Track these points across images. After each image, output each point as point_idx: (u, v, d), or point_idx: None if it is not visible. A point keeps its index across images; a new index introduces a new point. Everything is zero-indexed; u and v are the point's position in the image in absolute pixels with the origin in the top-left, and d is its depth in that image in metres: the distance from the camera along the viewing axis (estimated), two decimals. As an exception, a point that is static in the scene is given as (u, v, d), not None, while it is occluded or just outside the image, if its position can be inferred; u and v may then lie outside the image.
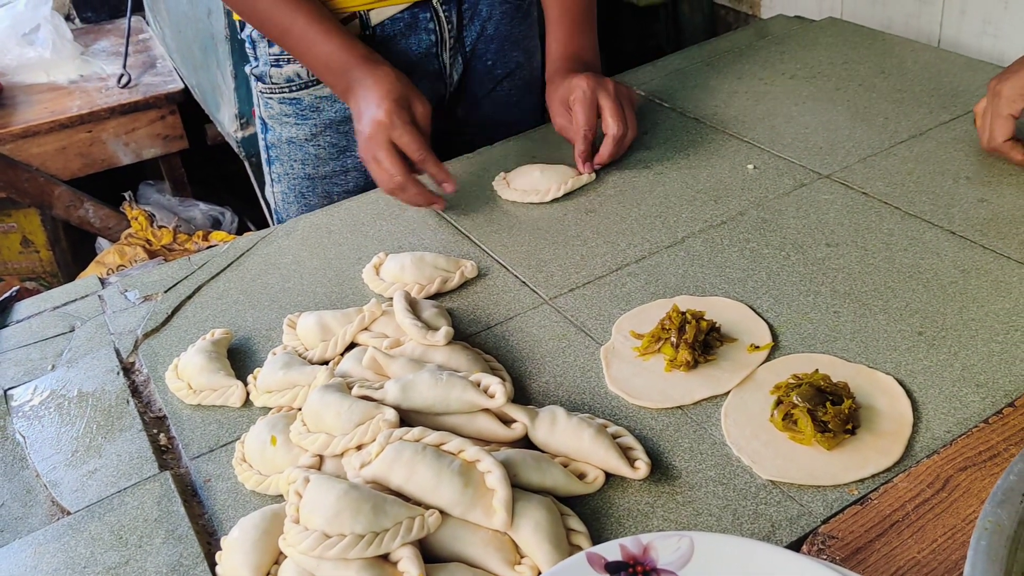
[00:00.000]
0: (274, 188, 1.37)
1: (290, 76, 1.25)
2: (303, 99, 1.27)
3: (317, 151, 1.31)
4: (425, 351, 0.88)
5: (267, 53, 1.25)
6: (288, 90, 1.27)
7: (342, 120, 1.28)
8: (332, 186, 1.33)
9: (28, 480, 0.85)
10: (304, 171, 1.32)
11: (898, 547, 0.65)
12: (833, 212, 1.05)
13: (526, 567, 0.67)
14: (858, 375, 0.81)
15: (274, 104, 1.29)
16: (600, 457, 0.75)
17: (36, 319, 1.07)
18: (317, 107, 1.28)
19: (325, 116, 1.28)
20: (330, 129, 1.29)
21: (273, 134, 1.32)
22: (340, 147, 1.30)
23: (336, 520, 0.66)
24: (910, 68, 1.35)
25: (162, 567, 0.73)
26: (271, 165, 1.36)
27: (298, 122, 1.29)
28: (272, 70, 1.26)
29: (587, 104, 1.15)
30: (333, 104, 1.27)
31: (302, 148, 1.31)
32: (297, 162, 1.32)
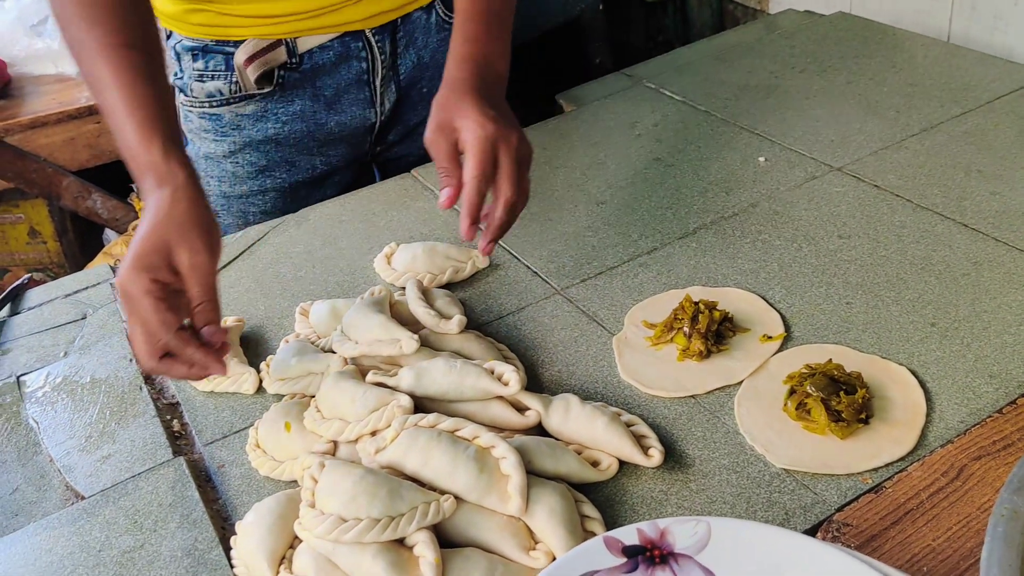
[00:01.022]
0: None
1: (211, 91, 1.19)
2: (223, 115, 1.21)
3: (235, 168, 1.25)
4: (438, 339, 0.88)
5: (191, 67, 1.19)
6: (208, 105, 1.21)
7: (263, 140, 1.22)
8: (248, 206, 1.27)
9: (42, 465, 0.85)
10: (220, 189, 1.26)
11: (913, 535, 0.65)
12: (845, 204, 1.05)
13: (541, 552, 0.67)
14: (871, 365, 0.81)
15: (194, 118, 1.23)
16: (614, 445, 0.75)
17: (48, 306, 1.08)
18: (238, 125, 1.22)
19: (246, 134, 1.22)
20: (250, 147, 1.23)
21: (191, 148, 1.25)
22: (259, 166, 1.24)
23: (352, 504, 0.67)
24: (921, 63, 1.35)
25: (177, 551, 0.73)
26: None
27: (217, 138, 1.23)
28: (194, 84, 1.19)
29: (483, 154, 0.90)
30: (255, 123, 1.21)
31: (219, 164, 1.24)
32: (213, 179, 1.25)
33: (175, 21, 1.18)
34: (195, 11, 1.15)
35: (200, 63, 1.18)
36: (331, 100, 1.22)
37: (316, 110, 1.22)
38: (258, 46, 1.16)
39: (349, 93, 1.22)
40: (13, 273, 2.47)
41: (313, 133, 1.24)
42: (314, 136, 1.24)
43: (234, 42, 1.16)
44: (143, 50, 0.87)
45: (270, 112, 1.21)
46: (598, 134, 1.27)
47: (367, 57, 1.21)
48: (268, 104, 1.20)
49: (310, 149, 1.25)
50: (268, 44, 1.17)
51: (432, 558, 0.65)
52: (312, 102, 1.21)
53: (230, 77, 1.18)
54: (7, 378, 0.96)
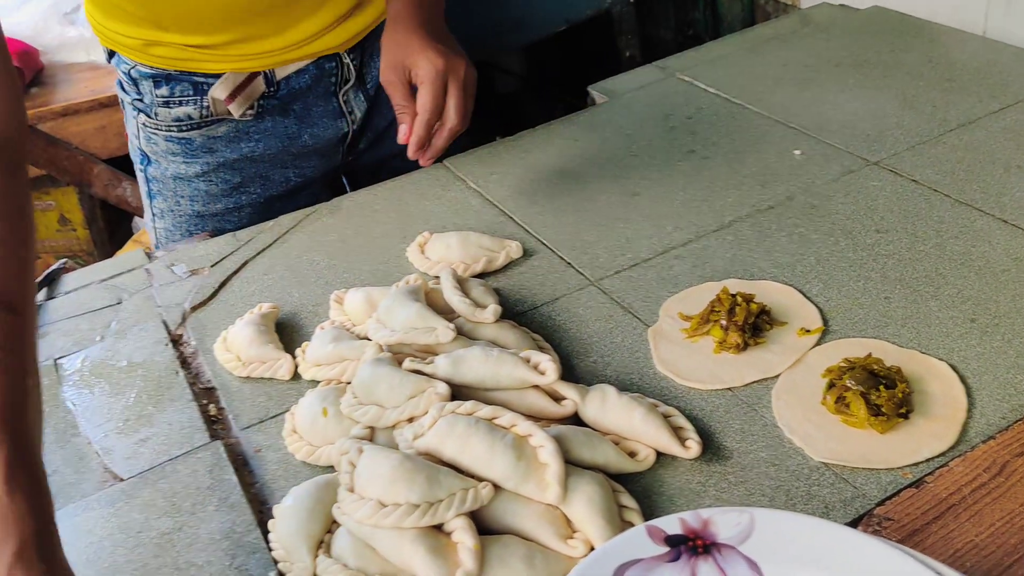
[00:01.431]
0: (156, 223, 1.27)
1: (180, 116, 1.17)
2: (194, 139, 1.19)
3: (208, 187, 1.22)
4: (473, 328, 0.88)
5: (154, 93, 1.16)
6: (177, 129, 1.18)
7: (237, 159, 1.21)
8: (224, 223, 1.24)
9: (80, 447, 0.86)
10: (192, 208, 1.24)
11: (955, 530, 0.65)
12: (882, 199, 1.04)
13: (578, 541, 0.67)
14: (911, 360, 0.81)
15: (159, 141, 1.20)
16: (651, 436, 0.75)
17: (84, 291, 1.08)
18: (211, 148, 1.20)
19: (219, 155, 1.20)
20: (224, 167, 1.21)
21: (156, 168, 1.23)
22: (233, 184, 1.23)
23: (391, 489, 0.67)
24: (958, 57, 1.33)
25: (215, 533, 0.74)
26: (152, 199, 1.25)
27: (187, 160, 1.20)
28: (160, 109, 1.17)
29: (436, 89, 1.00)
30: (228, 144, 1.20)
31: (191, 184, 1.22)
32: (184, 199, 1.23)
33: (133, 51, 1.15)
34: (155, 44, 1.12)
35: (164, 89, 1.16)
36: (301, 114, 1.21)
37: (287, 125, 1.21)
38: (236, 80, 1.15)
39: (317, 105, 1.21)
40: (43, 260, 2.50)
41: (287, 148, 1.23)
42: (288, 151, 1.23)
43: (201, 73, 1.14)
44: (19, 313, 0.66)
45: (242, 132, 1.19)
46: (631, 126, 1.26)
47: (336, 72, 1.21)
48: (240, 125, 1.19)
49: (284, 163, 1.24)
50: (246, 77, 1.15)
51: (471, 544, 0.65)
52: (283, 117, 1.20)
53: (200, 102, 1.16)
54: (45, 361, 0.97)
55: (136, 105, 1.19)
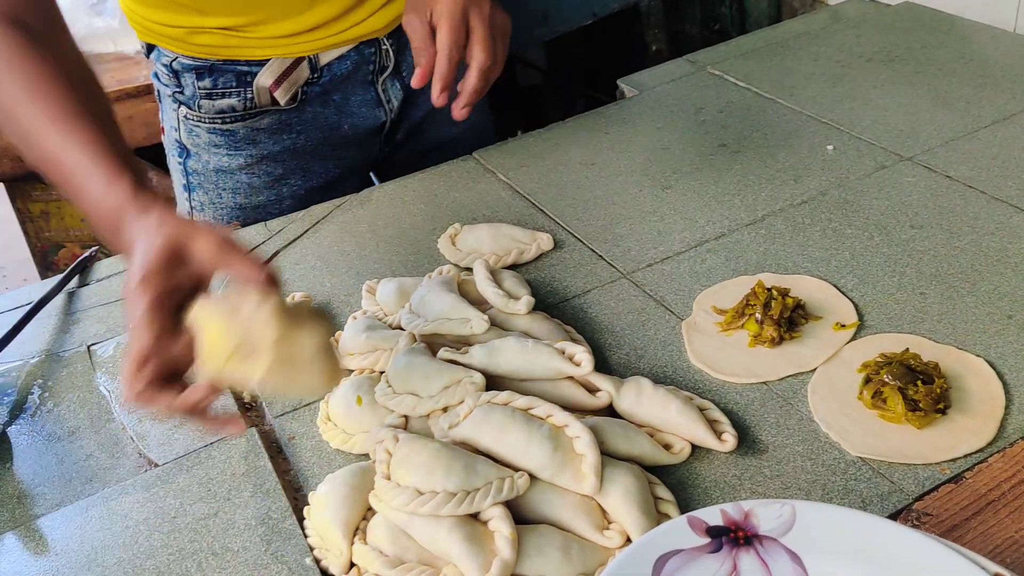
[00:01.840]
0: (195, 216, 1.25)
1: (223, 108, 1.16)
2: (238, 131, 1.18)
3: (251, 180, 1.22)
4: (506, 319, 0.88)
5: (196, 85, 1.15)
6: (221, 122, 1.17)
7: (280, 151, 1.21)
8: (265, 215, 1.22)
9: (115, 432, 0.86)
10: (235, 200, 1.23)
11: (995, 526, 0.64)
12: (916, 194, 1.03)
13: (615, 532, 0.67)
14: (947, 356, 0.80)
15: (202, 133, 1.19)
16: (687, 428, 0.75)
17: (116, 278, 1.09)
18: (254, 140, 1.19)
19: (262, 147, 1.19)
20: (267, 159, 1.21)
21: (197, 161, 1.21)
22: (275, 176, 1.22)
23: (429, 477, 0.67)
24: (991, 54, 1.32)
25: (251, 520, 0.74)
26: (191, 192, 1.24)
27: (230, 152, 1.19)
28: (203, 101, 1.16)
29: (455, 22, 0.93)
30: (271, 136, 1.19)
31: (234, 176, 1.21)
32: (227, 191, 1.22)
33: (175, 42, 1.14)
34: (198, 32, 1.12)
35: (207, 81, 1.15)
36: (340, 104, 1.21)
37: (328, 115, 1.21)
38: (282, 66, 1.14)
39: (356, 94, 1.21)
40: (68, 249, 2.51)
41: (328, 139, 1.23)
42: (329, 141, 1.23)
43: (246, 61, 1.14)
44: (96, 114, 0.79)
45: (284, 123, 1.19)
46: (661, 119, 1.26)
47: (375, 59, 1.20)
48: (283, 115, 1.19)
49: (324, 155, 1.24)
50: (291, 63, 1.15)
51: (508, 533, 0.65)
52: (323, 108, 1.20)
53: (243, 93, 1.16)
54: (78, 347, 0.98)
55: (177, 97, 1.19)
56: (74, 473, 0.82)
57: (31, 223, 2.48)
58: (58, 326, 1.02)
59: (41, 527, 0.77)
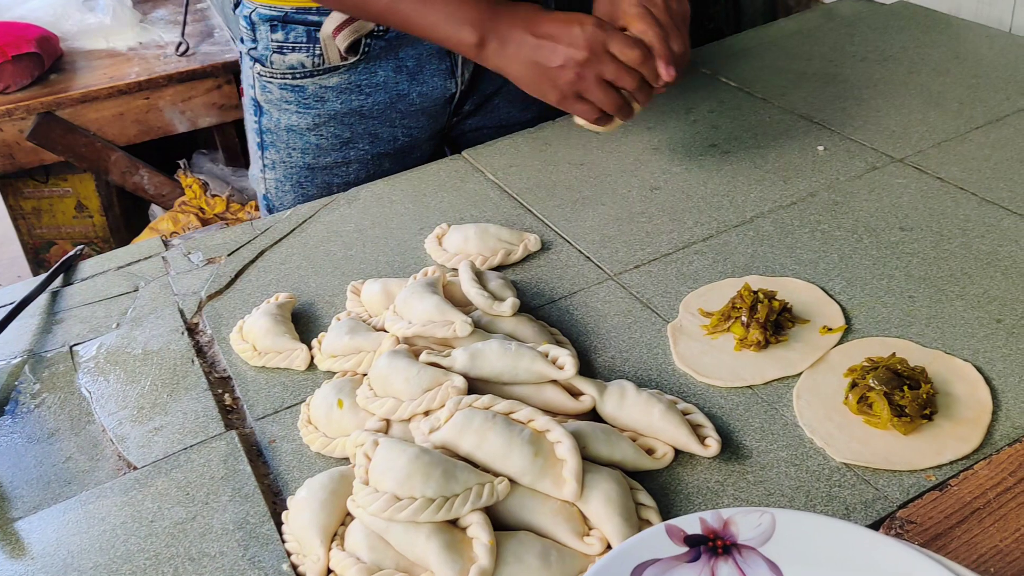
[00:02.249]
0: (266, 174, 1.32)
1: (293, 64, 1.20)
2: (307, 87, 1.22)
3: (319, 141, 1.26)
4: (491, 321, 0.87)
5: (268, 38, 1.19)
6: (291, 77, 1.21)
7: (347, 112, 1.23)
8: (332, 177, 1.28)
9: (94, 434, 0.85)
10: (304, 160, 1.27)
11: (979, 534, 0.64)
12: (907, 196, 1.03)
13: (595, 539, 0.66)
14: (935, 361, 0.80)
15: (274, 89, 1.24)
16: (670, 433, 0.74)
17: (100, 278, 1.08)
18: (322, 97, 1.22)
19: (329, 107, 1.23)
20: (334, 120, 1.24)
21: (269, 119, 1.27)
22: (343, 139, 1.25)
23: (407, 483, 0.66)
24: (985, 54, 1.32)
25: (229, 524, 0.73)
26: (264, 150, 1.30)
27: (300, 110, 1.24)
28: (275, 56, 1.20)
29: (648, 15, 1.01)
30: (339, 95, 1.22)
31: (303, 137, 1.26)
32: (296, 151, 1.27)
33: None
34: None
35: (279, 34, 1.18)
36: (413, 71, 1.21)
37: (399, 81, 1.22)
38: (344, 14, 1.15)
39: (431, 63, 1.22)
40: (60, 246, 2.51)
41: (395, 104, 1.24)
42: (396, 107, 1.24)
43: (316, 10, 1.15)
44: None
45: (353, 84, 1.21)
46: (652, 119, 1.25)
47: None
48: (352, 76, 1.20)
49: (392, 121, 1.25)
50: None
51: (486, 540, 0.65)
52: (395, 73, 1.21)
53: (312, 49, 1.18)
54: (60, 348, 0.97)
55: (252, 54, 1.23)
56: (53, 475, 0.81)
57: (23, 220, 2.48)
58: (41, 326, 1.01)
59: (18, 530, 0.76)
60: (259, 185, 1.36)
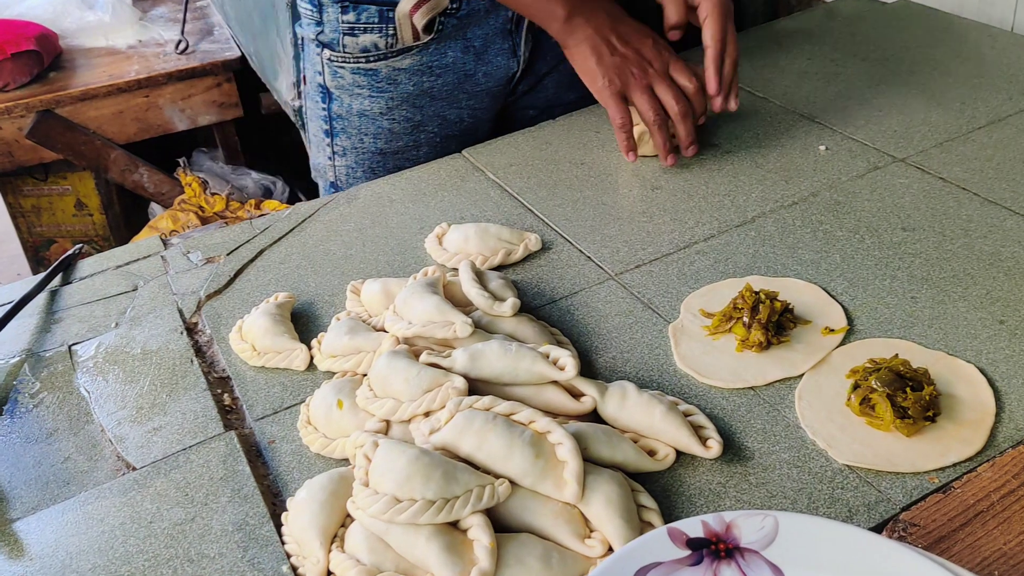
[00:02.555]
0: (336, 161, 1.33)
1: (367, 46, 1.21)
2: (380, 70, 1.23)
3: (391, 125, 1.27)
4: (491, 321, 0.87)
5: (338, 20, 1.20)
6: (365, 60, 1.22)
7: (418, 94, 1.25)
8: (403, 161, 1.29)
9: (93, 434, 0.85)
10: (376, 146, 1.29)
11: (983, 537, 0.63)
12: (909, 196, 1.02)
13: (596, 541, 0.66)
14: (937, 362, 0.79)
15: (345, 74, 1.25)
16: (671, 434, 0.74)
17: (99, 277, 1.08)
18: (395, 79, 1.24)
19: (402, 89, 1.24)
20: (406, 103, 1.25)
21: (340, 105, 1.28)
22: (415, 121, 1.27)
23: (407, 485, 0.66)
24: (987, 54, 1.31)
25: (228, 525, 0.73)
26: (334, 137, 1.31)
27: (372, 95, 1.25)
28: (346, 39, 1.21)
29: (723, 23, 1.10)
30: (411, 77, 1.23)
31: (375, 122, 1.27)
32: (368, 136, 1.28)
33: None
34: None
35: (351, 15, 1.18)
36: (480, 51, 1.23)
37: (466, 61, 1.23)
38: None
39: (495, 43, 1.23)
40: (59, 244, 2.50)
41: (463, 85, 1.25)
42: (464, 88, 1.26)
43: None
44: None
45: (425, 65, 1.22)
46: (653, 119, 1.24)
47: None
48: (423, 56, 1.21)
49: (459, 102, 1.27)
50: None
51: (487, 542, 0.64)
52: (463, 54, 1.22)
53: (385, 30, 1.18)
54: (59, 347, 0.96)
55: (320, 40, 1.23)
56: (51, 476, 0.81)
57: (22, 218, 2.47)
58: (40, 325, 1.00)
59: (17, 531, 0.76)
60: (326, 173, 1.36)
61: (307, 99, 1.34)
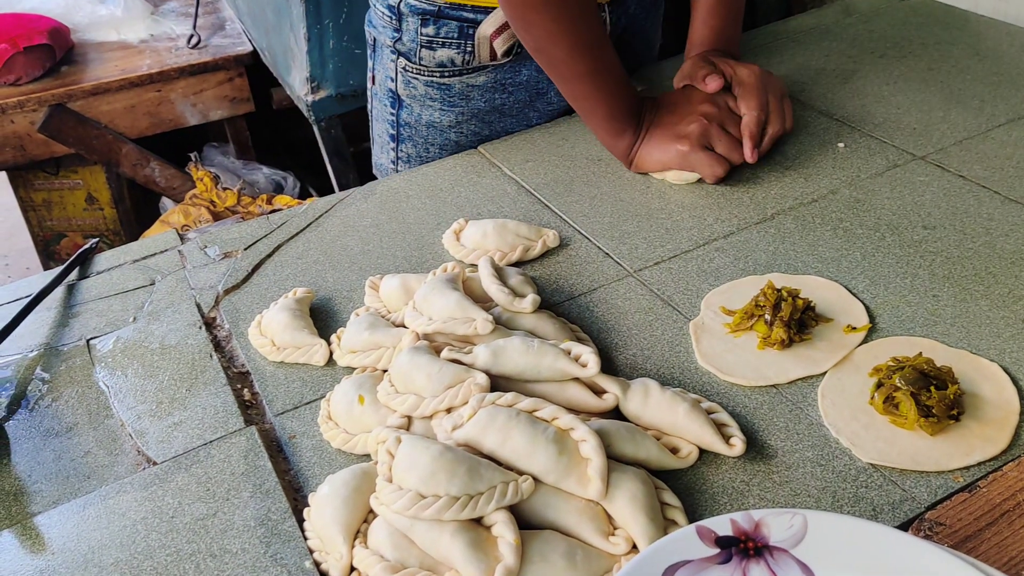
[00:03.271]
0: (400, 166, 1.34)
1: (443, 61, 1.21)
2: (454, 86, 1.23)
3: (459, 138, 1.28)
4: (511, 318, 0.87)
5: (418, 31, 1.20)
6: (440, 75, 1.22)
7: (489, 110, 1.25)
8: None
9: (113, 429, 0.85)
10: (440, 156, 1.29)
11: (1009, 537, 0.63)
12: (929, 194, 1.02)
13: (620, 538, 0.66)
14: (960, 361, 0.79)
15: (419, 85, 1.25)
16: (694, 432, 0.73)
17: (116, 271, 1.08)
18: (467, 95, 1.24)
19: (474, 105, 1.24)
20: (475, 118, 1.26)
21: (409, 113, 1.28)
22: (482, 136, 1.27)
23: (431, 481, 0.66)
24: (1006, 51, 1.31)
25: (250, 520, 0.73)
26: (400, 143, 1.32)
27: (444, 108, 1.25)
28: (423, 51, 1.21)
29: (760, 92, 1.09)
30: (484, 93, 1.24)
31: (443, 134, 1.27)
32: (434, 147, 1.29)
33: None
34: None
35: (431, 28, 1.18)
36: None
37: (540, 80, 1.22)
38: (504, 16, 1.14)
39: None
40: (70, 238, 2.51)
41: (534, 103, 1.25)
42: (534, 106, 1.25)
43: (471, 7, 1.15)
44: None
45: (498, 82, 1.21)
46: (670, 115, 1.24)
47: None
48: (498, 74, 1.21)
49: (529, 119, 1.26)
50: None
51: (511, 538, 0.64)
52: (537, 72, 1.22)
53: (464, 46, 1.18)
54: (77, 341, 0.96)
55: (397, 48, 1.23)
56: (72, 470, 0.81)
57: (33, 212, 2.48)
58: (57, 319, 1.00)
59: (38, 525, 0.76)
60: (389, 175, 1.36)
61: (374, 98, 1.34)
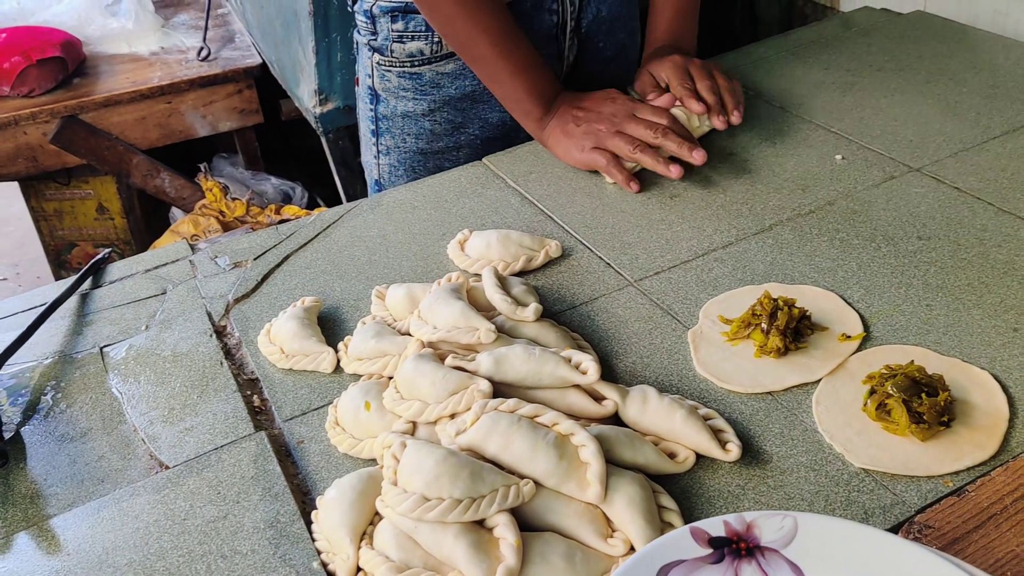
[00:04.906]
0: (380, 160, 1.39)
1: (413, 52, 1.27)
2: (424, 74, 1.29)
3: (433, 126, 1.33)
4: (513, 326, 0.89)
5: (390, 28, 1.27)
6: (410, 65, 1.29)
7: (461, 97, 1.30)
8: (444, 161, 1.35)
9: (126, 434, 0.87)
10: (417, 145, 1.34)
11: (996, 539, 0.65)
12: (924, 205, 1.04)
13: (618, 540, 0.68)
14: (952, 369, 0.81)
15: (392, 78, 1.31)
16: (691, 438, 0.76)
17: (129, 280, 1.10)
18: (438, 83, 1.29)
19: (445, 92, 1.30)
20: (448, 105, 1.31)
21: (386, 106, 1.34)
22: (456, 123, 1.32)
23: (435, 484, 0.68)
24: (1002, 64, 1.33)
25: (260, 523, 0.75)
26: (379, 137, 1.38)
27: (416, 97, 1.31)
28: (394, 45, 1.28)
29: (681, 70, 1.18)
30: (454, 81, 1.29)
31: (417, 123, 1.33)
32: (411, 136, 1.34)
33: None
34: None
35: (400, 24, 1.25)
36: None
37: None
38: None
39: (540, 47, 1.26)
40: (81, 248, 2.54)
41: None
42: None
43: None
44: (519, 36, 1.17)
45: (466, 69, 1.27)
46: (671, 127, 1.26)
47: (557, 10, 1.28)
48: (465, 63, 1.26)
49: (502, 105, 1.30)
50: None
51: (513, 540, 0.66)
52: None
53: (431, 37, 1.25)
54: (91, 349, 0.99)
55: (371, 44, 1.31)
56: (86, 474, 0.83)
57: (45, 222, 2.51)
58: (71, 328, 1.03)
59: (53, 527, 0.78)
60: (372, 171, 1.42)
61: (359, 100, 1.41)
